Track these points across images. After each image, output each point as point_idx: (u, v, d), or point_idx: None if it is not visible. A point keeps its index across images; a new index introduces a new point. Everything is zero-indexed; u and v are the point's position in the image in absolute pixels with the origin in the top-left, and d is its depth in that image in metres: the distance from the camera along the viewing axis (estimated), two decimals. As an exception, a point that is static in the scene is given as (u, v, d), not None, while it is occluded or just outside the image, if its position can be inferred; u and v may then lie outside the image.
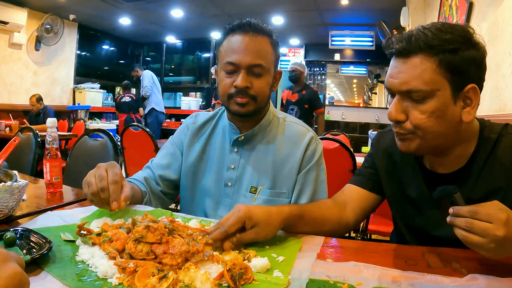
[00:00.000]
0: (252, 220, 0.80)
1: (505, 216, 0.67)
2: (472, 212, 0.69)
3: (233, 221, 0.78)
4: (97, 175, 0.89)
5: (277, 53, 1.14)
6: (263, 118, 1.17)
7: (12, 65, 5.73)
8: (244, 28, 1.07)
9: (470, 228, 0.69)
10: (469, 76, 0.78)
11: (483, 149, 0.87)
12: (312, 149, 1.14)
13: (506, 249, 0.68)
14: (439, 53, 0.77)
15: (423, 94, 0.78)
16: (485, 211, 0.68)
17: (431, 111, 0.79)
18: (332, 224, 0.98)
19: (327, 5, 5.55)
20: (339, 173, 2.20)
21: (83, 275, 0.64)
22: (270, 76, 1.11)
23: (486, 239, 0.67)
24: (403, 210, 1.00)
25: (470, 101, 0.81)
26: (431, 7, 4.10)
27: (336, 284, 0.64)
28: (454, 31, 0.78)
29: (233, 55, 1.05)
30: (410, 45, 0.79)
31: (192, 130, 1.24)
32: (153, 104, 6.27)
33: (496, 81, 2.30)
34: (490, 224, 0.67)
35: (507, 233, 0.66)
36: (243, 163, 1.15)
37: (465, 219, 0.69)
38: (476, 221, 0.68)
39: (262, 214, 0.81)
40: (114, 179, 0.89)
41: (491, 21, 2.42)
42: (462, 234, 0.70)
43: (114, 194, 0.87)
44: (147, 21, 6.80)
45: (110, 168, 0.91)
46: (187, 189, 1.21)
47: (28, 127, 2.44)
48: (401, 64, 0.81)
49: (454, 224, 0.72)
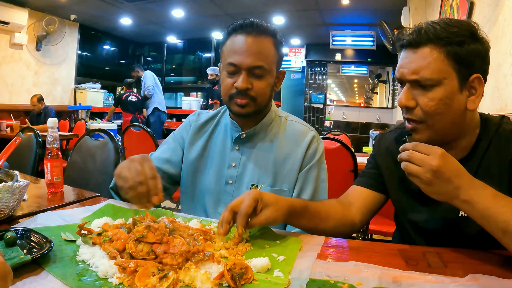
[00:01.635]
0: (263, 201, 0.84)
1: (442, 150, 0.77)
2: (414, 145, 0.80)
3: (248, 202, 0.81)
4: (132, 169, 0.89)
5: (280, 54, 1.14)
6: (265, 117, 1.17)
7: (13, 65, 5.73)
8: (246, 28, 1.07)
9: (409, 158, 0.79)
10: (474, 67, 0.83)
11: (484, 140, 0.91)
12: (313, 148, 1.15)
13: (443, 186, 0.77)
14: (447, 45, 0.82)
15: (431, 82, 0.83)
16: (425, 145, 0.79)
17: (439, 98, 0.83)
18: (336, 222, 0.99)
19: (328, 5, 5.55)
20: (340, 173, 2.20)
21: (84, 274, 0.64)
22: (272, 77, 1.11)
23: (422, 169, 0.77)
24: (408, 204, 1.01)
25: (475, 90, 0.85)
26: (432, 7, 4.09)
27: (336, 284, 0.64)
28: (461, 26, 0.83)
29: (235, 56, 1.06)
30: (420, 37, 0.84)
31: (194, 128, 1.25)
32: (156, 103, 6.29)
33: (497, 80, 2.30)
34: (427, 155, 0.77)
35: (441, 165, 0.75)
36: (244, 161, 1.16)
37: (407, 151, 0.80)
38: (416, 152, 0.79)
39: (271, 196, 0.86)
40: (151, 173, 0.89)
41: (491, 21, 2.42)
42: (404, 164, 0.80)
43: (156, 189, 0.88)
44: (148, 21, 6.80)
45: (145, 162, 0.91)
46: (188, 186, 1.22)
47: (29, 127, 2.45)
48: (411, 55, 0.86)
49: (400, 158, 0.82)
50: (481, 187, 0.76)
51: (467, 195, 0.76)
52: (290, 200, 0.91)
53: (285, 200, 0.89)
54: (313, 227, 0.95)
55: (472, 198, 0.75)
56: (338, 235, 0.95)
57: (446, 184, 0.76)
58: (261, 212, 0.83)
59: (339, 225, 0.99)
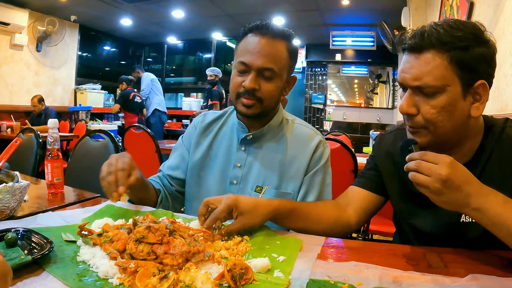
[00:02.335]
0: (238, 209, 0.86)
1: (450, 158, 0.74)
2: (422, 154, 0.77)
3: (222, 207, 0.85)
4: (107, 162, 0.98)
5: (294, 59, 1.14)
6: (273, 119, 1.18)
7: (13, 66, 5.74)
8: (262, 29, 1.08)
9: (417, 168, 0.76)
10: (479, 73, 0.80)
11: (488, 143, 0.89)
12: (320, 152, 1.15)
13: (452, 195, 0.73)
14: (451, 50, 0.78)
15: (434, 89, 0.80)
16: (432, 154, 0.75)
17: (442, 105, 0.81)
18: (329, 223, 0.99)
19: (328, 5, 5.54)
20: (340, 173, 2.20)
21: (84, 275, 0.64)
22: (281, 80, 1.11)
23: (431, 178, 0.73)
24: (408, 207, 1.00)
25: (479, 96, 0.82)
26: (432, 7, 4.09)
27: (336, 284, 0.64)
28: (465, 28, 0.80)
29: (247, 56, 1.07)
30: (422, 41, 0.81)
31: (200, 129, 1.26)
32: (156, 104, 6.23)
33: (498, 81, 2.29)
34: (435, 164, 0.74)
35: (450, 174, 0.72)
36: (250, 162, 1.16)
37: (415, 160, 0.77)
38: (423, 162, 0.75)
39: (248, 204, 0.87)
40: (121, 166, 0.96)
41: (492, 21, 2.42)
42: (411, 174, 0.77)
43: (121, 179, 0.94)
44: (148, 22, 6.80)
45: (120, 158, 0.99)
46: (192, 186, 1.22)
47: (30, 128, 2.45)
48: (413, 60, 0.83)
49: (407, 168, 0.79)
50: (491, 194, 0.74)
51: (477, 202, 0.73)
52: (274, 205, 0.91)
53: (266, 206, 0.89)
54: (302, 228, 0.95)
55: (483, 206, 0.72)
56: (331, 235, 0.95)
57: (456, 193, 0.73)
58: (237, 219, 0.86)
59: (332, 227, 0.99)
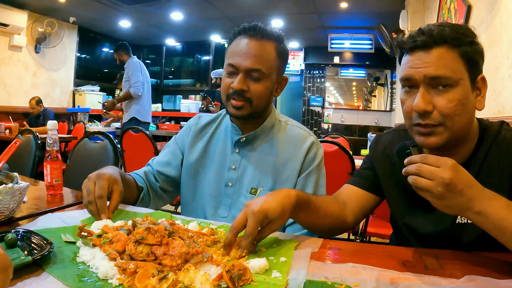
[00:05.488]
0: (268, 218, 0.79)
1: (452, 161, 0.72)
2: (422, 157, 0.74)
3: (253, 225, 0.77)
4: (85, 189, 0.95)
5: (283, 60, 1.15)
6: (266, 121, 1.19)
7: (12, 67, 5.73)
8: (250, 32, 1.09)
9: (419, 171, 0.73)
10: (479, 67, 0.85)
11: (483, 146, 0.90)
12: (313, 153, 1.16)
13: (455, 199, 0.72)
14: (460, 45, 0.82)
15: (450, 81, 0.81)
16: (434, 157, 0.73)
17: (458, 98, 0.81)
18: (333, 219, 0.99)
19: (326, 8, 5.57)
20: (338, 175, 2.21)
21: (84, 276, 0.64)
22: (271, 81, 1.12)
23: (433, 182, 0.71)
24: (404, 208, 1.01)
25: (479, 91, 0.86)
26: (430, 10, 4.12)
27: (334, 285, 0.64)
28: (463, 27, 0.85)
29: (235, 58, 1.08)
30: (433, 38, 0.82)
31: (194, 131, 1.27)
32: (134, 111, 4.30)
33: (494, 84, 2.31)
34: (437, 168, 0.72)
35: (453, 178, 0.70)
36: (244, 164, 1.17)
37: (415, 164, 0.75)
38: (425, 165, 0.73)
39: (277, 211, 0.80)
40: (98, 193, 0.92)
41: (489, 24, 2.44)
42: (412, 178, 0.75)
43: (101, 208, 0.92)
44: (146, 23, 6.81)
45: (97, 181, 0.95)
46: (188, 188, 1.23)
47: (28, 129, 2.44)
48: (424, 56, 0.83)
49: (407, 172, 0.76)
50: (493, 197, 0.73)
51: (480, 206, 0.72)
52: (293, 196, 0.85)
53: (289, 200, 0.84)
54: (310, 222, 0.95)
55: (485, 210, 0.71)
56: (330, 231, 0.95)
57: (459, 196, 0.72)
58: (267, 226, 0.80)
59: (334, 223, 0.99)
